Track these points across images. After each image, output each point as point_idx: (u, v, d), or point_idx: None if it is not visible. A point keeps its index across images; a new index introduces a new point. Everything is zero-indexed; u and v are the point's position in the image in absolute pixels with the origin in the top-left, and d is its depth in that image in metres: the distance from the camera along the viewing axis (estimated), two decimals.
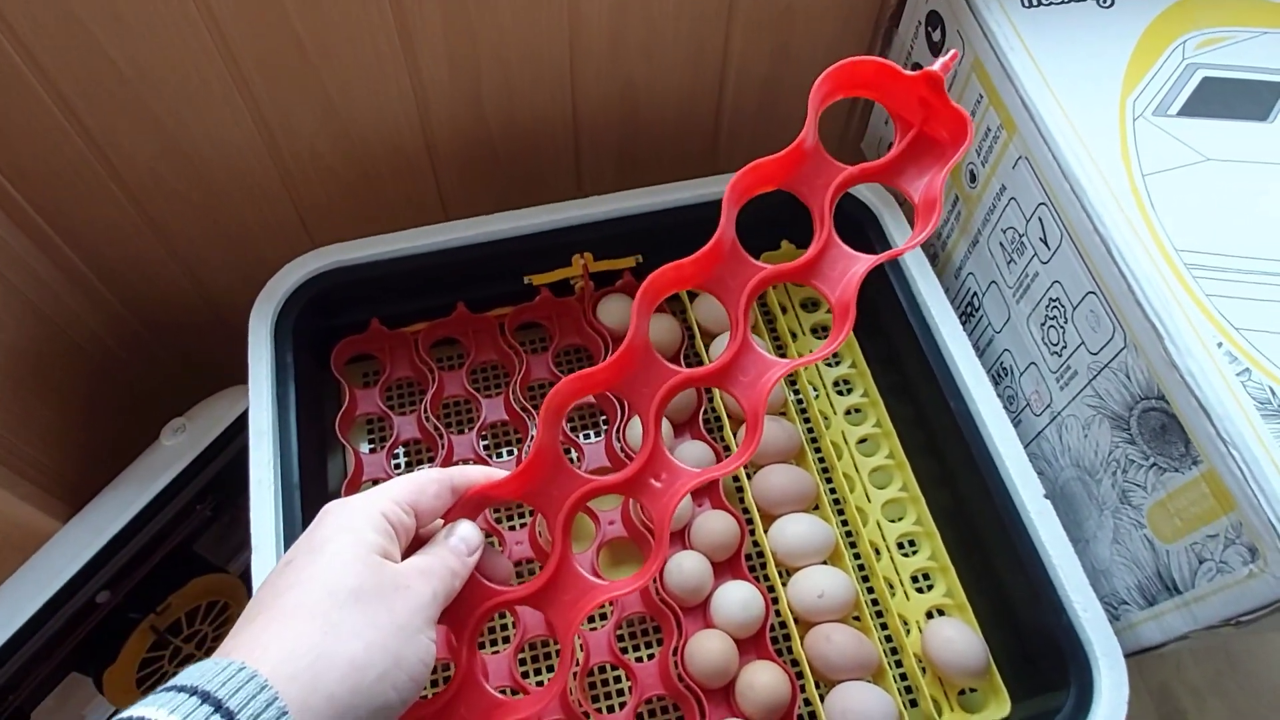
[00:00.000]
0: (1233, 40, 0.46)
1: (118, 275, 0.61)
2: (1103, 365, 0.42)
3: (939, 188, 0.35)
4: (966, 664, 0.46)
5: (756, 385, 0.35)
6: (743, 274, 0.36)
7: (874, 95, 0.37)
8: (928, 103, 0.36)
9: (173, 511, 0.59)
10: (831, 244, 0.36)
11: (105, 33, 0.46)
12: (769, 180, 0.36)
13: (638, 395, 0.35)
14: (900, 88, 0.36)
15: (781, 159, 0.36)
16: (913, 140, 0.37)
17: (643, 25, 0.55)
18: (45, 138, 0.50)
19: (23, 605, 0.53)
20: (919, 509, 0.52)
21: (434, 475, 0.34)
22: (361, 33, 0.50)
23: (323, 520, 0.32)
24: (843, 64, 0.35)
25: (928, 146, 0.37)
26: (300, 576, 0.29)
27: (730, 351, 0.36)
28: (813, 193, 0.36)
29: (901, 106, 0.37)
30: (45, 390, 0.58)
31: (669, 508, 0.34)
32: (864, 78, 0.36)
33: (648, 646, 0.49)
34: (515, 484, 0.34)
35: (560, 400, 0.34)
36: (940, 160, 0.36)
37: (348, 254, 0.53)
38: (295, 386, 0.50)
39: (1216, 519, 0.37)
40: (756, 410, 0.35)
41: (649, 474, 0.35)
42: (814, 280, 0.37)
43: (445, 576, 0.32)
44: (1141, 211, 0.41)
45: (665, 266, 0.34)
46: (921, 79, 0.35)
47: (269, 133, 0.54)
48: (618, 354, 0.34)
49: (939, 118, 0.36)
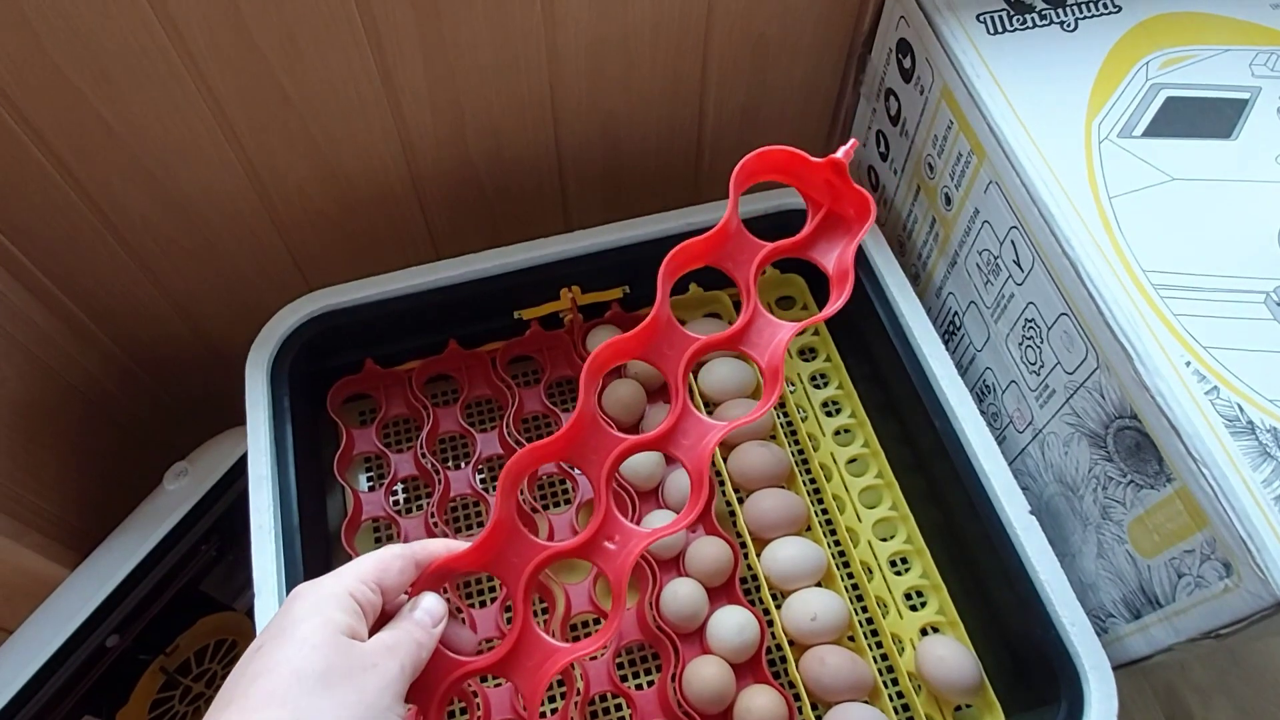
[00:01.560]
0: (1195, 59, 0.47)
1: (116, 321, 0.62)
2: (1078, 385, 0.43)
3: (850, 260, 0.39)
4: (960, 681, 0.47)
5: (698, 448, 0.38)
6: (679, 344, 0.39)
7: (787, 180, 0.41)
8: (834, 185, 0.40)
9: (178, 554, 0.60)
10: (758, 314, 0.40)
11: (94, 91, 0.47)
12: (698, 259, 0.40)
13: (588, 463, 0.37)
14: (809, 172, 0.40)
15: (708, 239, 0.39)
16: (823, 219, 0.41)
17: (620, 59, 0.56)
18: (40, 193, 0.51)
19: (35, 652, 0.54)
20: (909, 527, 0.53)
21: (397, 551, 0.35)
22: (344, 80, 0.51)
23: (292, 604, 0.32)
24: (757, 153, 0.39)
25: (837, 223, 0.41)
26: (269, 662, 0.30)
27: (672, 418, 0.38)
28: (738, 267, 0.40)
29: (811, 189, 0.41)
30: (49, 439, 0.59)
31: (625, 568, 0.36)
32: (777, 164, 0.40)
33: (647, 674, 0.50)
34: (475, 555, 0.36)
35: (515, 472, 0.36)
36: (849, 235, 0.40)
37: (340, 297, 0.54)
38: (293, 429, 0.51)
39: (1192, 535, 0.38)
40: (700, 470, 0.37)
41: (603, 537, 0.37)
42: (743, 347, 0.40)
43: (412, 650, 0.33)
44: (1109, 233, 0.42)
45: (607, 342, 0.37)
46: (827, 165, 0.40)
47: (258, 179, 0.56)
48: (567, 426, 0.36)
49: (845, 198, 0.40)
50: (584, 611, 0.51)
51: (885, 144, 0.59)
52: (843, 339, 0.59)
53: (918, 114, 0.53)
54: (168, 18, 0.45)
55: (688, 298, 0.60)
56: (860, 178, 0.65)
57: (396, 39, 0.50)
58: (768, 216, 0.57)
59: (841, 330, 0.59)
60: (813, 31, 0.58)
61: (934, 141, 0.52)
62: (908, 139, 0.56)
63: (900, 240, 0.60)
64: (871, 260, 0.56)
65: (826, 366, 0.59)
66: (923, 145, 0.54)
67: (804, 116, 0.65)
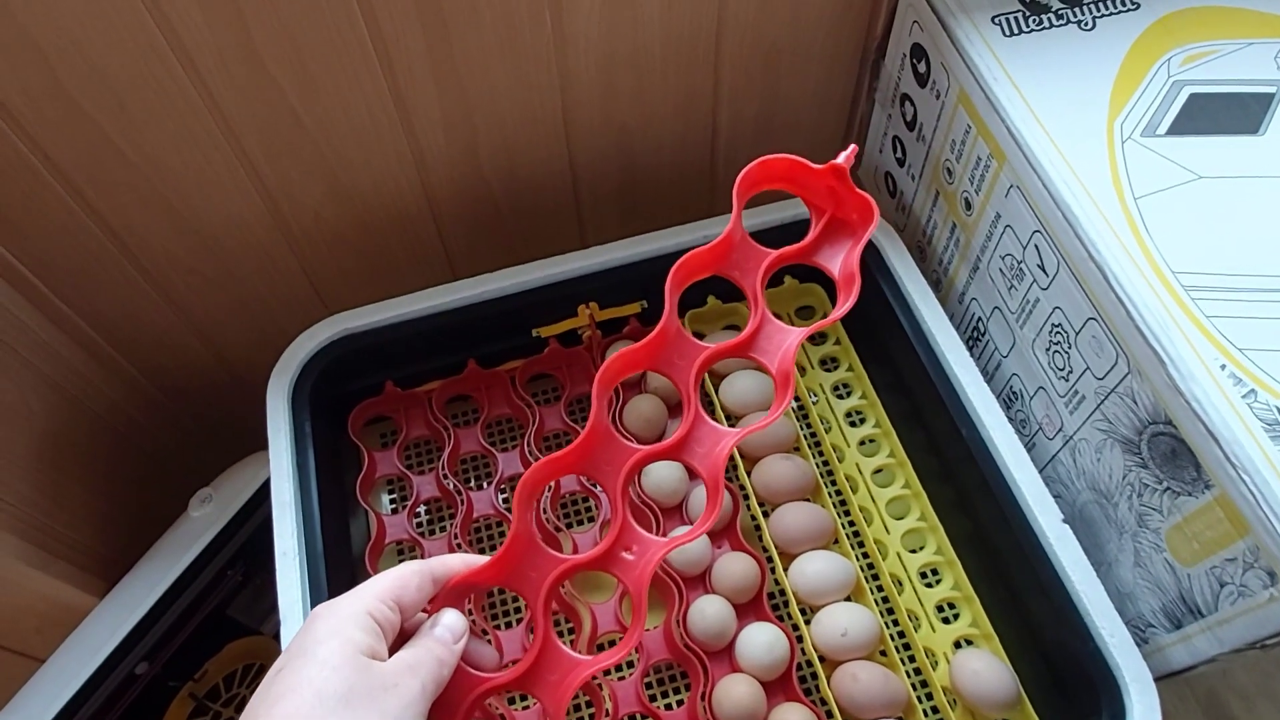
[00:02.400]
0: (1217, 54, 0.46)
1: (137, 349, 0.63)
2: (1109, 390, 0.42)
3: (855, 263, 0.39)
4: (996, 695, 0.46)
5: (712, 455, 0.37)
6: (689, 354, 0.39)
7: (790, 188, 0.41)
8: (836, 191, 0.40)
9: (205, 580, 0.60)
10: (766, 320, 0.40)
11: (111, 122, 0.48)
12: (704, 269, 0.40)
13: (603, 474, 0.37)
14: (811, 179, 0.40)
15: (713, 249, 0.39)
16: (826, 224, 0.41)
17: (631, 74, 0.56)
18: (61, 226, 0.52)
19: (66, 682, 0.54)
20: (939, 538, 0.52)
21: (415, 568, 0.35)
22: (357, 104, 0.51)
23: (312, 625, 0.32)
24: (758, 162, 0.39)
25: (840, 228, 0.41)
26: (291, 684, 0.30)
27: (685, 426, 0.38)
28: (744, 276, 0.40)
29: (814, 195, 0.41)
30: (76, 469, 0.59)
31: (644, 578, 0.36)
32: (779, 173, 0.40)
33: (676, 694, 0.49)
34: (494, 569, 0.36)
35: (531, 485, 0.35)
36: (853, 239, 0.40)
37: (358, 320, 0.54)
38: (315, 453, 0.51)
39: (1233, 543, 0.37)
40: (716, 478, 0.37)
41: (620, 547, 0.37)
42: (753, 354, 0.40)
43: (433, 668, 0.32)
44: (1136, 235, 0.41)
45: (618, 353, 0.37)
46: (828, 171, 0.40)
47: (275, 205, 0.56)
48: (581, 438, 0.36)
49: (847, 204, 0.40)
50: (610, 631, 0.50)
51: (902, 150, 0.59)
52: (865, 348, 0.58)
53: (934, 119, 0.52)
54: (182, 49, 0.45)
55: (706, 310, 0.59)
56: (877, 184, 0.64)
57: (408, 62, 0.50)
58: (783, 227, 0.56)
59: (864, 339, 0.59)
60: (824, 39, 0.58)
61: (952, 146, 0.51)
62: (925, 144, 0.55)
63: (921, 246, 0.60)
64: (892, 267, 0.55)
65: (849, 376, 0.58)
66: (940, 150, 0.53)
67: (818, 125, 0.65)
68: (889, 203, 0.63)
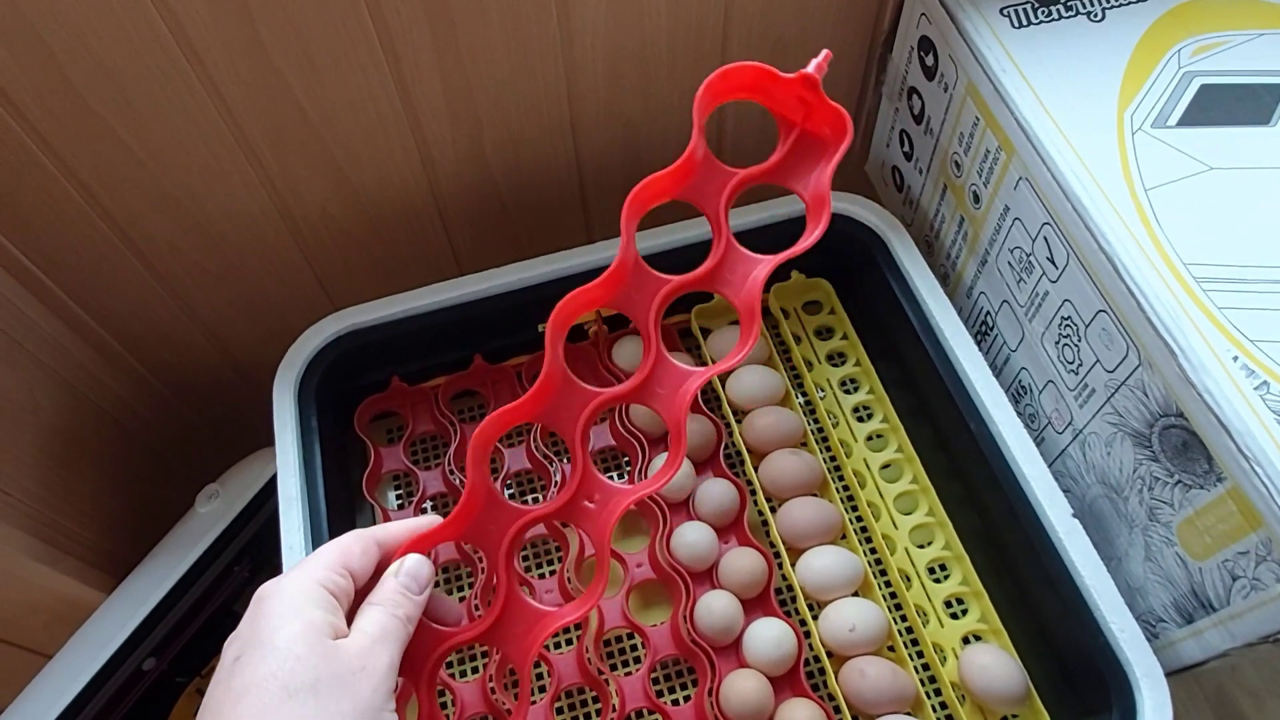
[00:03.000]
0: (1229, 45, 0.45)
1: (145, 345, 0.63)
2: (1119, 383, 0.42)
3: (826, 183, 0.37)
4: (1006, 691, 0.45)
5: (675, 396, 0.35)
6: (649, 288, 0.36)
7: (756, 98, 0.38)
8: (807, 102, 0.37)
9: (212, 576, 0.60)
10: (730, 249, 0.37)
11: (117, 118, 0.48)
12: (665, 193, 0.37)
13: (561, 422, 0.35)
14: (779, 89, 0.37)
15: (674, 171, 0.36)
16: (796, 140, 0.38)
17: (637, 67, 0.55)
18: (67, 222, 0.52)
19: (73, 678, 0.54)
20: (947, 533, 0.51)
21: (356, 534, 0.34)
22: (363, 98, 0.51)
23: (261, 606, 0.31)
24: (721, 70, 0.36)
25: (811, 144, 0.38)
26: (255, 677, 0.28)
27: (646, 367, 0.36)
28: (706, 199, 0.37)
29: (783, 107, 0.38)
30: (82, 464, 0.59)
31: (607, 526, 0.35)
32: (745, 82, 0.37)
33: (683, 689, 0.49)
34: (454, 526, 0.34)
35: (484, 438, 0.34)
36: (824, 157, 0.37)
37: (364, 316, 0.54)
38: (321, 449, 0.51)
39: (1245, 536, 0.36)
40: (678, 420, 0.35)
41: (583, 496, 0.35)
42: (717, 286, 0.37)
43: (398, 632, 0.31)
44: (1146, 227, 0.40)
45: (574, 292, 0.35)
46: (799, 80, 0.37)
47: (281, 201, 0.56)
48: (536, 385, 0.34)
49: (819, 116, 0.37)
50: (617, 626, 0.50)
51: (909, 143, 0.58)
52: (872, 343, 0.58)
53: (942, 112, 0.52)
54: (188, 44, 0.45)
55: (712, 305, 0.59)
56: (884, 179, 0.64)
57: (413, 55, 0.50)
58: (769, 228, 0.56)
59: (871, 334, 0.58)
60: (831, 32, 0.57)
61: (960, 139, 0.51)
62: (932, 137, 0.55)
63: (928, 241, 0.59)
64: (899, 261, 0.55)
65: (856, 371, 0.58)
66: (948, 143, 0.53)
67: None
68: (895, 198, 0.63)
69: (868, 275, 0.57)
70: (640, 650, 0.50)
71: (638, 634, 0.50)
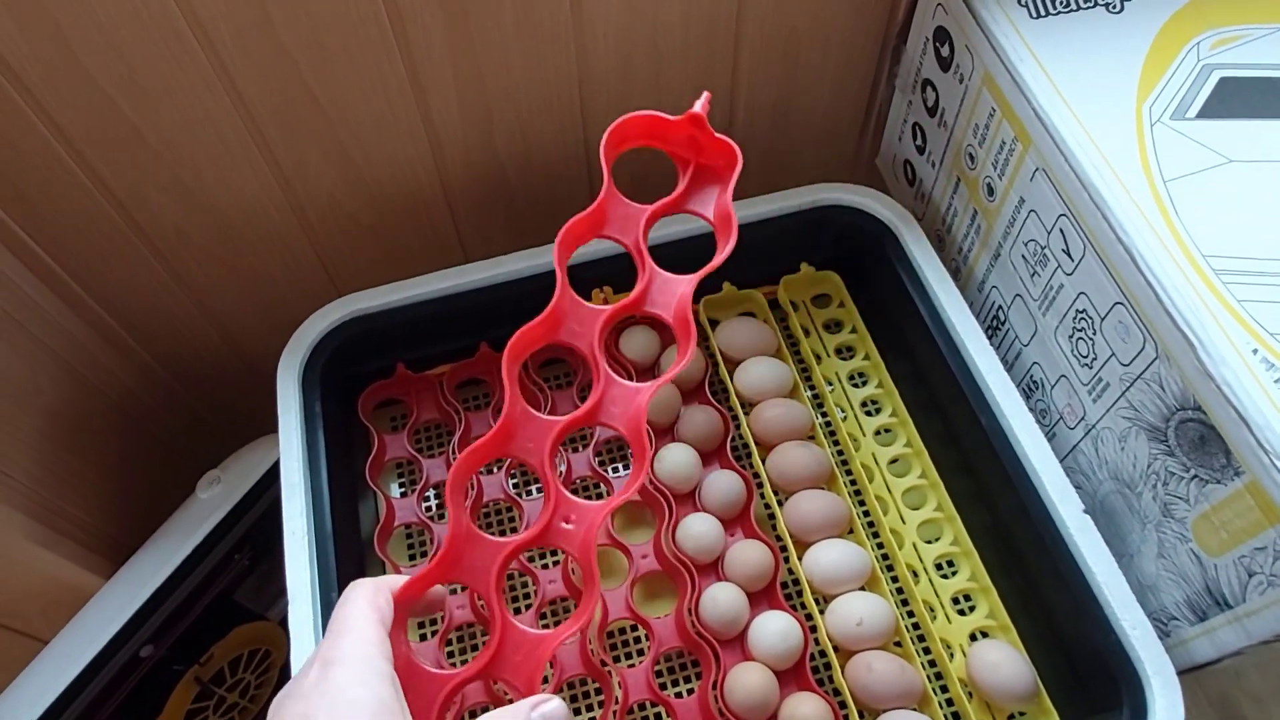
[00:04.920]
0: (1248, 38, 0.45)
1: (148, 330, 0.62)
2: (1135, 377, 0.42)
3: (728, 204, 0.40)
4: (1014, 688, 0.45)
5: (630, 412, 0.38)
6: (588, 320, 0.39)
7: (653, 143, 0.42)
8: (696, 140, 0.41)
9: (211, 563, 0.60)
10: (654, 275, 0.40)
11: (125, 98, 0.47)
12: (584, 236, 0.40)
13: (527, 453, 0.37)
14: (672, 132, 0.41)
15: (590, 215, 0.40)
16: (694, 174, 0.42)
17: (649, 57, 0.55)
18: (73, 203, 0.51)
19: (70, 663, 0.54)
20: (955, 529, 0.51)
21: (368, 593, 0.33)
22: (372, 81, 0.51)
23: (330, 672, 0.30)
24: (618, 122, 0.40)
25: (709, 174, 0.42)
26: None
27: (596, 393, 0.38)
28: (625, 234, 0.41)
29: (677, 147, 0.42)
30: (83, 448, 0.59)
31: (589, 543, 0.36)
32: (640, 129, 0.41)
33: (686, 682, 0.49)
34: (439, 569, 0.35)
35: (457, 479, 0.35)
36: (721, 182, 0.41)
37: (370, 301, 0.54)
38: (325, 435, 0.51)
39: (1263, 531, 0.36)
40: (638, 435, 0.37)
41: (559, 519, 0.36)
42: (648, 309, 0.40)
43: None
44: (1165, 218, 0.40)
45: (519, 332, 0.37)
46: (686, 120, 0.41)
47: (288, 185, 0.55)
48: (498, 425, 0.36)
49: (709, 150, 0.41)
50: (621, 617, 0.49)
51: (922, 137, 0.58)
52: (882, 336, 0.58)
53: (957, 103, 0.52)
54: (197, 23, 0.45)
55: (721, 297, 0.59)
56: (895, 172, 0.64)
57: (425, 39, 0.49)
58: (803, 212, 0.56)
59: (881, 328, 0.58)
60: (845, 23, 0.57)
61: (975, 131, 0.51)
62: (946, 130, 0.54)
63: (939, 234, 0.59)
64: (911, 255, 0.54)
65: (865, 365, 0.57)
66: (963, 135, 0.52)
67: (836, 112, 0.64)
68: (907, 192, 0.62)
69: (878, 268, 0.56)
70: (644, 642, 0.50)
71: (642, 626, 0.49)
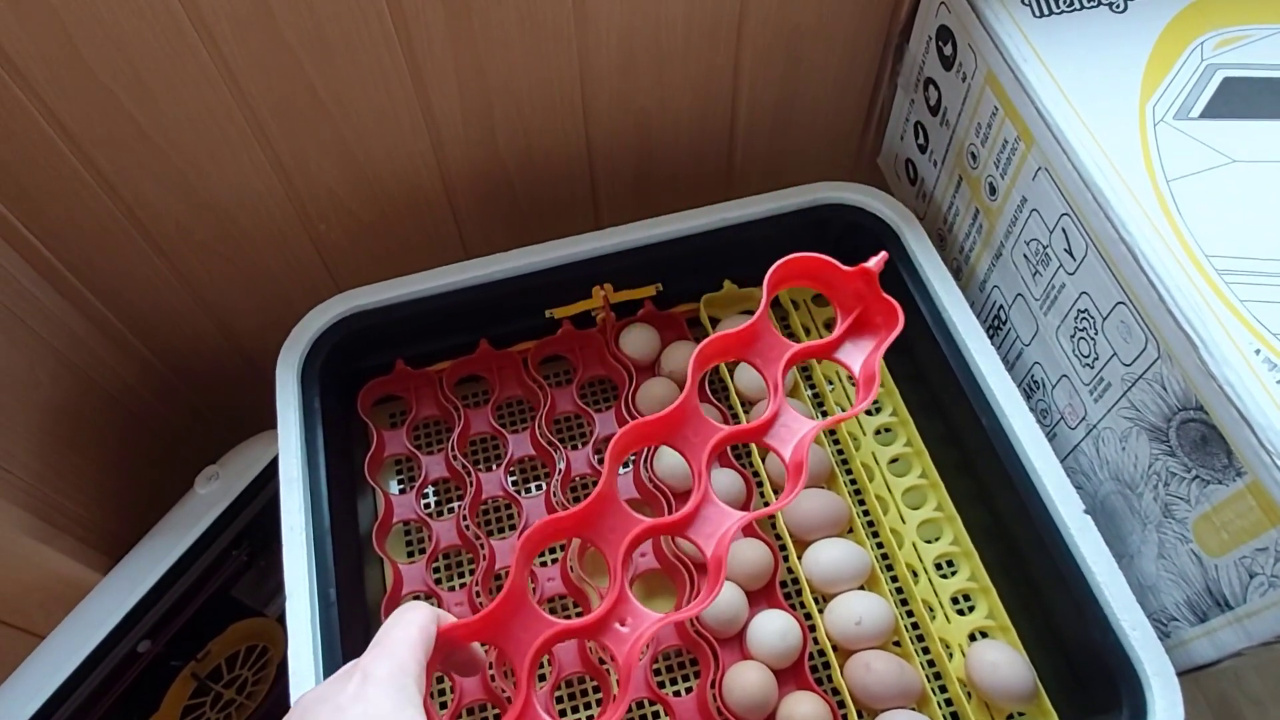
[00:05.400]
0: (1252, 39, 0.45)
1: (148, 325, 0.62)
2: (1137, 376, 0.41)
3: (875, 365, 0.41)
4: (1013, 688, 0.45)
5: (717, 537, 0.37)
6: (704, 432, 0.39)
7: (817, 286, 0.42)
8: (864, 295, 0.41)
9: (209, 559, 0.60)
10: (783, 410, 0.40)
11: (125, 92, 0.47)
12: (727, 354, 0.41)
13: (606, 542, 0.37)
14: (839, 281, 0.41)
15: (739, 335, 0.40)
16: (853, 323, 0.42)
17: (652, 55, 0.55)
18: (73, 197, 0.51)
19: (67, 658, 0.54)
20: (955, 529, 0.51)
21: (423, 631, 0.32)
22: (374, 77, 0.51)
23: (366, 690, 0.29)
24: (786, 260, 0.40)
25: (865, 327, 0.42)
26: None
27: (693, 503, 0.37)
28: (766, 365, 0.41)
29: (841, 295, 0.42)
30: (82, 443, 0.59)
31: (634, 653, 0.35)
32: (807, 270, 0.41)
33: (685, 680, 0.49)
34: (481, 624, 0.34)
35: (532, 545, 0.35)
36: (877, 339, 0.41)
37: (370, 297, 0.54)
38: (323, 431, 0.51)
39: (1265, 532, 0.36)
40: (719, 565, 0.36)
41: (614, 618, 0.36)
42: (767, 440, 0.40)
43: None
44: (1168, 218, 0.40)
45: (632, 425, 0.37)
46: (857, 274, 0.41)
47: (288, 180, 0.55)
48: (588, 501, 0.36)
49: (873, 308, 0.41)
50: None
51: (924, 136, 0.58)
52: None
53: (959, 102, 0.52)
54: (199, 18, 0.45)
55: (722, 295, 0.59)
56: (897, 171, 0.63)
57: (426, 34, 0.49)
58: (805, 211, 0.56)
59: None
60: (848, 22, 0.57)
61: (977, 130, 0.50)
62: (949, 129, 0.54)
63: (941, 233, 0.59)
64: (912, 254, 0.54)
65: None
66: (965, 134, 0.52)
67: (838, 110, 0.64)
68: (908, 191, 0.62)
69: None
70: None
71: None
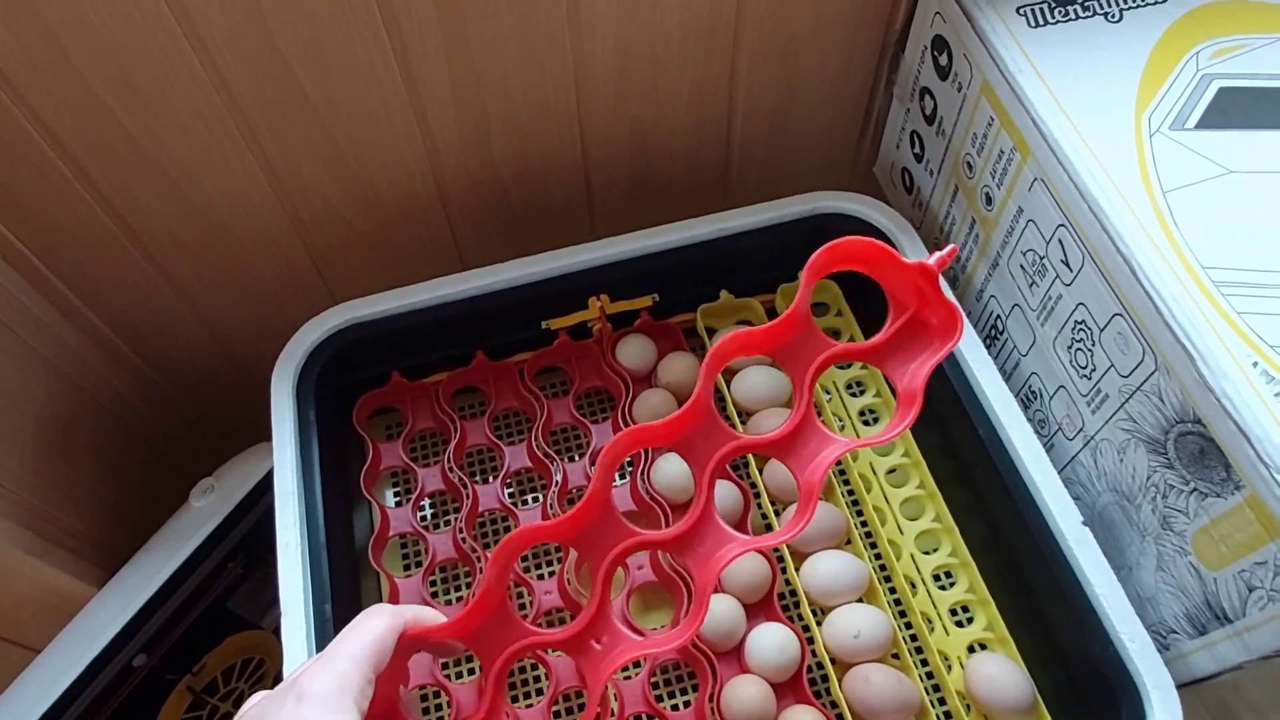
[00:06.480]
0: (1247, 48, 0.45)
1: (141, 336, 0.62)
2: (1134, 388, 0.41)
3: (922, 380, 0.34)
4: (1012, 701, 0.45)
5: (711, 559, 0.34)
6: (715, 439, 0.34)
7: (872, 273, 0.36)
8: (923, 292, 0.35)
9: (205, 572, 0.59)
10: (807, 420, 0.35)
11: (116, 99, 0.47)
12: (754, 348, 0.35)
13: (591, 550, 0.34)
14: (895, 272, 0.35)
15: (770, 329, 0.34)
16: (905, 324, 0.35)
17: (647, 63, 0.55)
18: (64, 206, 0.51)
19: (63, 672, 0.53)
20: (954, 540, 0.51)
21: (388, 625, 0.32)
22: (367, 84, 0.50)
23: None
24: (843, 241, 0.34)
25: (918, 332, 0.35)
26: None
27: (691, 519, 0.34)
28: (795, 365, 0.35)
29: (898, 289, 0.35)
30: (76, 455, 0.58)
31: (605, 673, 0.34)
32: (863, 255, 0.35)
33: (683, 694, 0.48)
34: (455, 627, 0.33)
35: (512, 549, 0.33)
36: (929, 350, 0.35)
37: (365, 309, 0.54)
38: (319, 444, 0.50)
39: (1264, 545, 0.36)
40: (706, 587, 0.34)
41: (590, 635, 0.34)
42: (784, 455, 0.35)
43: None
44: (1164, 229, 0.40)
45: (635, 428, 0.34)
46: (916, 269, 0.34)
47: (282, 188, 0.55)
48: (578, 506, 0.33)
49: (932, 308, 0.35)
50: None
51: (920, 145, 0.58)
52: None
53: (955, 112, 0.52)
54: (190, 24, 0.44)
55: (718, 305, 0.58)
56: (893, 180, 0.63)
57: (421, 42, 0.49)
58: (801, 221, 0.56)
59: None
60: (844, 31, 0.57)
61: (973, 140, 0.50)
62: (944, 138, 0.54)
63: (937, 243, 0.59)
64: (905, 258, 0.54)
65: (863, 374, 0.57)
66: (961, 144, 0.52)
67: (834, 119, 0.64)
68: (904, 200, 0.62)
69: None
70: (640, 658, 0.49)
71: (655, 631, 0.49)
